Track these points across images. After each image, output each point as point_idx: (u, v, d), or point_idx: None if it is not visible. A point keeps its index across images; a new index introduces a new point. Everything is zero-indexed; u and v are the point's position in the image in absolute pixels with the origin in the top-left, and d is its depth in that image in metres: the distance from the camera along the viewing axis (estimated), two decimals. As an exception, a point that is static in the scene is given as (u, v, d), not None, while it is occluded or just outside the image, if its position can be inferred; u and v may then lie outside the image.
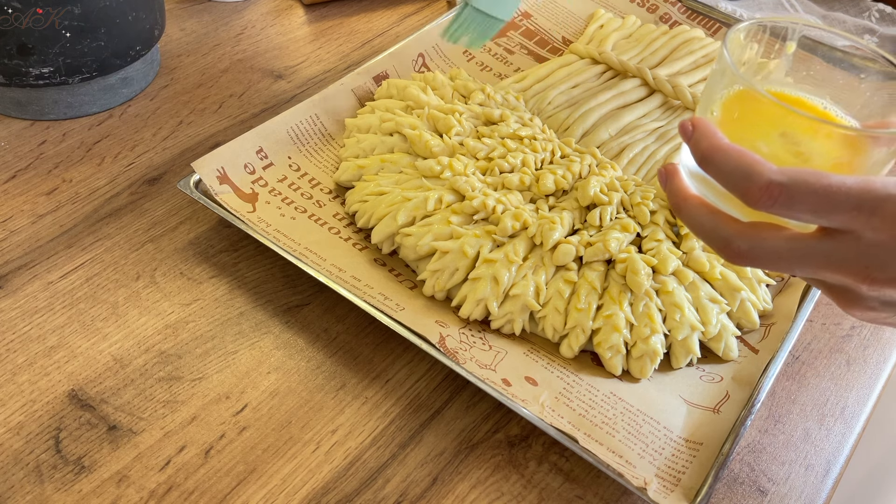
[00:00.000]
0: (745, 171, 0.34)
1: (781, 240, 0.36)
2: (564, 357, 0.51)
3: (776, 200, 0.34)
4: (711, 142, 0.36)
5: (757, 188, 0.34)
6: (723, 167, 0.35)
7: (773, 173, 0.34)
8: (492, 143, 0.58)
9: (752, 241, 0.36)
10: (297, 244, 0.54)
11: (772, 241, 0.36)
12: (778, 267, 0.36)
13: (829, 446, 0.50)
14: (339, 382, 0.49)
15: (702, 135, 0.36)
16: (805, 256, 0.35)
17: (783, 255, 0.36)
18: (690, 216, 0.39)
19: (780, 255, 0.36)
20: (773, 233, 0.36)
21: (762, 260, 0.36)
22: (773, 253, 0.36)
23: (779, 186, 0.33)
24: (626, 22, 0.78)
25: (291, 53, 0.75)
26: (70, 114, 0.65)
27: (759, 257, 0.36)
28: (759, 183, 0.34)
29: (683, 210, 0.39)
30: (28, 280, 0.53)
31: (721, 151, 0.35)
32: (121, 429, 0.46)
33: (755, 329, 0.53)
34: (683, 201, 0.39)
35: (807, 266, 0.36)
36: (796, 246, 0.35)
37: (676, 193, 0.40)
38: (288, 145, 0.61)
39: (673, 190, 0.40)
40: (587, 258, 0.53)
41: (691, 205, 0.39)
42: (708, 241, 0.38)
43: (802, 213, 0.34)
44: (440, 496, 0.45)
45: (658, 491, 0.43)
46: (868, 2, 0.89)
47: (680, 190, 0.40)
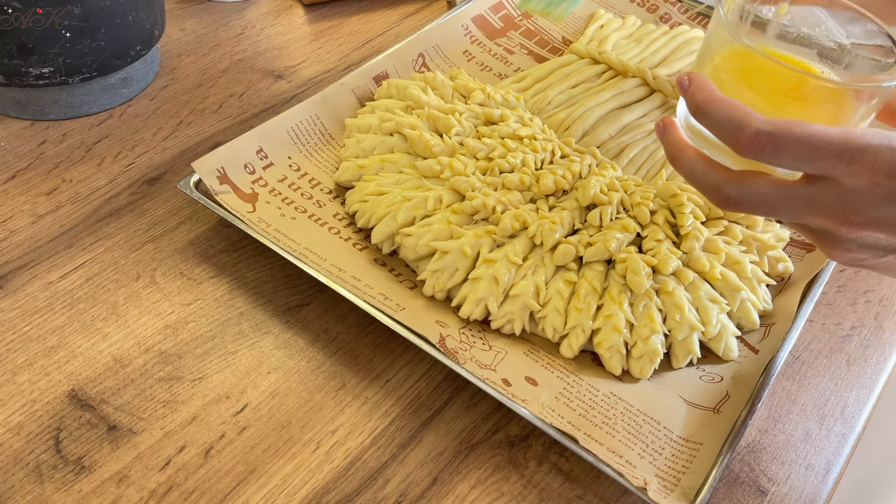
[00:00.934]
0: (735, 121, 0.37)
1: (768, 185, 0.38)
2: (564, 357, 0.51)
3: (764, 148, 0.36)
4: (705, 94, 0.39)
5: (746, 137, 0.37)
6: (715, 117, 0.38)
7: (762, 123, 0.36)
8: (492, 143, 0.58)
9: (741, 187, 0.39)
10: (297, 244, 0.54)
11: (759, 187, 0.38)
12: (764, 211, 0.39)
13: (829, 446, 0.50)
14: (339, 382, 0.50)
15: (697, 87, 0.39)
16: (789, 201, 0.38)
17: (769, 199, 0.38)
18: (685, 164, 0.41)
19: (767, 200, 0.38)
20: (761, 179, 0.39)
21: (750, 205, 0.39)
22: (761, 198, 0.39)
23: (766, 135, 0.36)
24: (626, 22, 0.78)
25: (291, 53, 0.75)
26: (70, 114, 0.65)
27: (747, 202, 0.39)
28: (749, 132, 0.36)
29: (679, 159, 0.42)
30: (28, 280, 0.53)
31: (714, 103, 0.38)
32: (121, 429, 0.46)
33: (755, 329, 0.53)
34: (679, 151, 0.42)
35: (791, 210, 0.38)
36: (781, 191, 0.38)
37: (672, 144, 0.42)
38: (288, 145, 0.61)
39: (669, 141, 0.42)
40: (587, 258, 0.53)
41: (686, 154, 0.41)
42: (700, 187, 0.41)
43: (788, 160, 0.36)
44: (440, 496, 0.45)
45: (658, 491, 0.43)
46: (868, 2, 0.89)
47: (676, 140, 0.42)
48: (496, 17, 0.78)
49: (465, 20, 0.75)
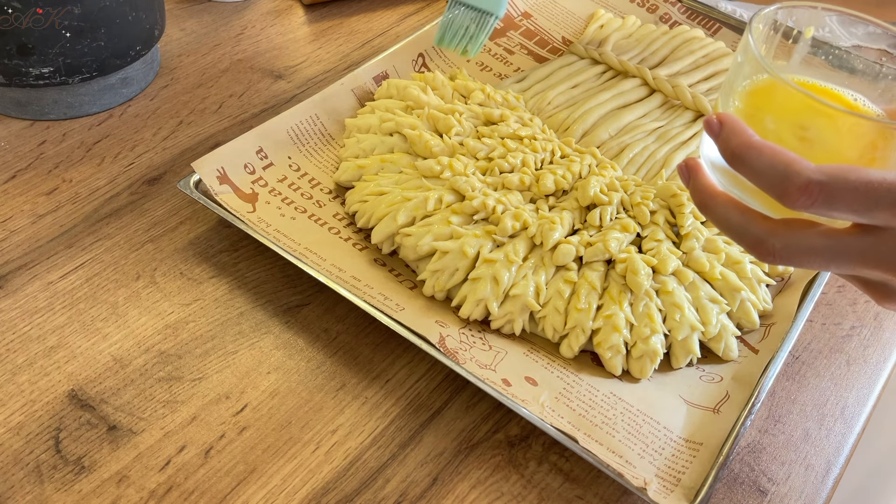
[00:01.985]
0: (781, 171, 0.33)
1: (817, 237, 0.34)
2: (564, 357, 0.51)
3: (815, 200, 0.32)
4: (742, 139, 0.34)
5: (795, 188, 0.33)
6: (756, 166, 0.34)
7: (812, 172, 0.32)
8: (492, 143, 0.58)
9: (787, 240, 0.35)
10: (297, 244, 0.54)
11: (807, 239, 0.34)
12: (813, 265, 0.35)
13: (829, 446, 0.50)
14: (339, 382, 0.49)
15: (731, 131, 0.35)
16: (842, 254, 0.34)
17: (820, 252, 0.34)
18: (719, 214, 0.37)
19: (817, 253, 0.35)
20: (808, 230, 0.35)
21: (797, 258, 0.35)
22: (809, 251, 0.35)
23: (818, 186, 0.32)
24: (626, 22, 0.78)
25: (291, 53, 0.75)
26: (70, 114, 0.65)
27: (793, 256, 0.35)
28: (798, 183, 0.32)
29: (711, 208, 0.38)
30: (28, 280, 0.53)
31: (754, 149, 0.34)
32: (121, 429, 0.46)
33: (755, 329, 0.53)
34: (710, 199, 0.38)
35: (844, 263, 0.35)
36: (834, 243, 0.34)
37: (702, 190, 0.38)
38: (288, 145, 0.61)
39: (698, 187, 0.38)
40: (587, 258, 0.53)
41: (719, 203, 0.37)
42: (739, 239, 0.37)
43: (842, 211, 0.33)
44: (440, 496, 0.45)
45: (658, 491, 0.43)
46: (868, 2, 0.89)
47: (706, 187, 0.38)
48: (496, 17, 0.78)
49: (465, 20, 0.75)
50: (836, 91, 0.41)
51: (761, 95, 0.38)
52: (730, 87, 0.39)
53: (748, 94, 0.38)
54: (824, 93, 0.41)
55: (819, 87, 0.41)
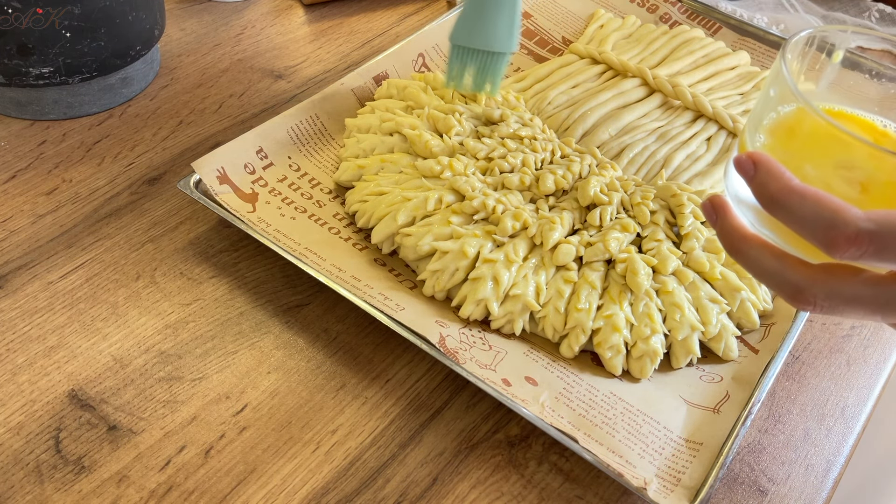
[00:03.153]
0: (827, 219, 0.31)
1: (862, 285, 0.32)
2: (564, 357, 0.51)
3: (865, 251, 0.30)
4: (782, 183, 0.32)
5: (844, 238, 0.30)
6: (798, 213, 0.31)
7: (862, 221, 0.30)
8: (492, 143, 0.58)
9: (830, 289, 0.33)
10: (297, 244, 0.54)
11: (851, 288, 0.32)
12: (857, 314, 0.33)
13: (829, 446, 0.50)
14: (339, 382, 0.50)
15: (769, 175, 0.32)
16: (890, 303, 0.32)
17: (865, 302, 0.32)
18: (752, 259, 0.35)
19: (862, 302, 0.32)
20: (851, 278, 0.32)
21: (840, 308, 0.33)
22: (854, 300, 0.33)
23: (868, 235, 0.30)
24: (626, 22, 0.78)
25: (291, 53, 0.75)
26: (70, 114, 0.65)
27: (836, 305, 0.33)
28: (846, 232, 0.30)
29: (743, 252, 0.35)
30: (28, 280, 0.53)
31: (795, 195, 0.31)
32: (121, 429, 0.46)
33: (755, 329, 0.53)
34: (742, 243, 0.35)
35: (890, 313, 0.33)
36: (879, 292, 0.32)
37: (731, 233, 0.35)
38: (288, 145, 0.61)
39: (726, 229, 0.35)
40: (587, 258, 0.53)
41: (752, 247, 0.35)
42: (774, 286, 0.34)
43: (893, 262, 0.31)
44: (440, 496, 0.45)
45: (658, 491, 0.43)
46: (868, 2, 0.89)
47: (736, 230, 0.35)
48: (496, 17, 0.78)
49: (465, 20, 0.75)
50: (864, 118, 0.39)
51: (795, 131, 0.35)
52: (758, 121, 0.37)
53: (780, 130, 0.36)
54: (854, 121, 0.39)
55: (847, 114, 0.39)
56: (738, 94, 0.70)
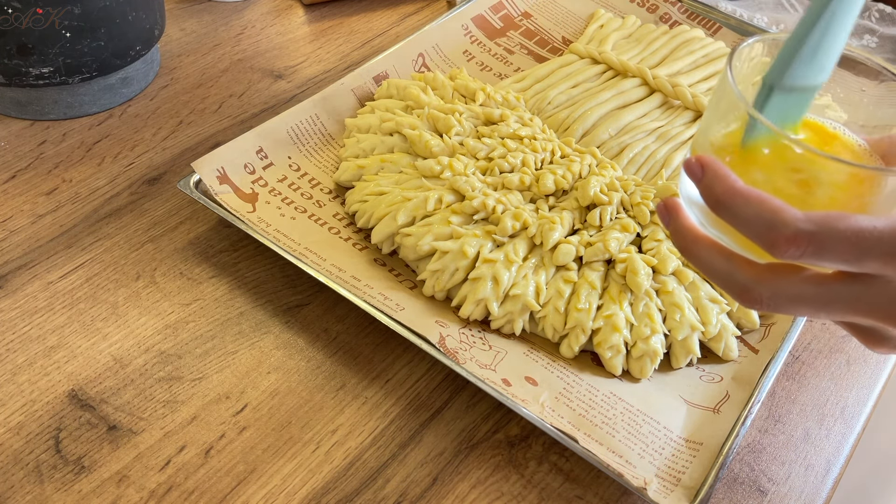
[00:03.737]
0: (768, 220, 0.32)
1: (805, 284, 0.33)
2: (564, 357, 0.51)
3: (804, 251, 0.31)
4: (726, 185, 0.33)
5: (783, 239, 0.31)
6: (742, 214, 0.33)
7: (800, 221, 0.31)
8: (492, 143, 0.58)
9: (774, 288, 0.34)
10: (297, 244, 0.54)
11: (795, 287, 0.33)
12: (801, 312, 0.34)
13: (829, 446, 0.50)
14: (339, 382, 0.50)
15: (715, 177, 0.33)
16: (832, 301, 0.33)
17: (808, 300, 0.33)
18: (702, 260, 0.36)
19: (805, 301, 0.34)
20: (795, 277, 0.34)
21: (785, 306, 0.34)
22: (798, 299, 0.34)
23: (807, 235, 0.31)
24: (626, 22, 0.78)
25: (291, 53, 0.75)
26: (70, 114, 0.65)
27: (781, 304, 0.34)
28: (785, 233, 0.31)
29: (693, 253, 0.36)
30: (28, 280, 0.53)
31: (739, 196, 0.33)
32: (121, 429, 0.46)
33: (755, 329, 0.53)
34: (693, 244, 0.36)
35: (834, 311, 0.34)
36: (821, 291, 0.33)
37: (683, 234, 0.36)
38: (288, 145, 0.61)
39: (678, 230, 0.37)
40: (587, 258, 0.53)
41: (702, 247, 0.36)
42: (723, 286, 0.35)
43: (832, 261, 0.32)
44: (440, 496, 0.45)
45: (658, 491, 0.43)
46: (868, 2, 0.89)
47: (687, 230, 0.36)
48: (496, 17, 0.78)
49: (465, 20, 0.75)
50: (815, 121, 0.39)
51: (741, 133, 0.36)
52: (707, 126, 0.37)
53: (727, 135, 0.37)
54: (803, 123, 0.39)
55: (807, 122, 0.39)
56: (738, 94, 0.70)
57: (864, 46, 0.85)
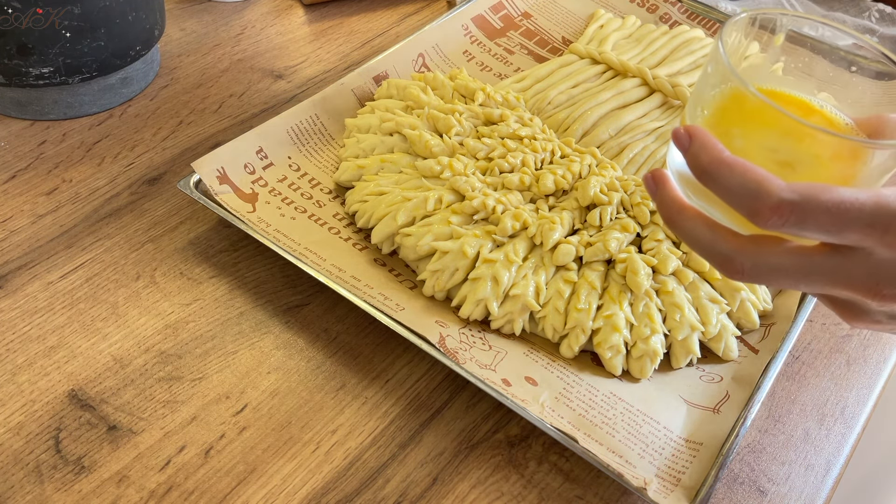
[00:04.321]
0: (752, 189, 0.32)
1: (787, 256, 0.34)
2: (564, 357, 0.51)
3: (787, 220, 0.32)
4: (713, 154, 0.33)
5: (767, 208, 0.32)
6: (726, 183, 0.33)
7: (784, 191, 0.32)
8: (492, 143, 0.58)
9: (755, 258, 0.34)
10: (297, 244, 0.54)
11: (776, 258, 0.34)
12: (781, 283, 0.35)
13: (829, 446, 0.50)
14: (339, 382, 0.50)
15: (701, 146, 0.34)
16: (811, 273, 0.34)
17: (788, 271, 0.34)
18: (686, 230, 0.36)
19: (785, 272, 0.34)
20: (777, 248, 0.34)
21: (766, 277, 0.34)
22: (778, 270, 0.34)
23: (789, 205, 0.31)
24: (626, 22, 0.78)
25: (291, 53, 0.75)
26: (70, 114, 0.65)
27: (762, 274, 0.34)
28: (769, 202, 0.32)
29: (678, 223, 0.36)
30: (28, 280, 0.53)
31: (724, 166, 0.33)
32: (121, 429, 0.46)
33: (755, 329, 0.53)
34: (678, 214, 0.36)
35: (813, 283, 0.34)
36: (803, 262, 0.34)
37: (669, 205, 0.37)
38: (288, 145, 0.61)
39: (664, 200, 0.37)
40: (587, 258, 0.53)
41: (687, 217, 0.36)
42: (706, 256, 0.36)
43: (813, 231, 0.32)
44: (440, 496, 0.45)
45: (658, 491, 0.43)
46: (868, 2, 0.89)
47: (673, 201, 0.37)
48: (496, 17, 0.78)
49: (465, 20, 0.75)
50: (800, 97, 0.40)
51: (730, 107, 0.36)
52: (698, 96, 0.38)
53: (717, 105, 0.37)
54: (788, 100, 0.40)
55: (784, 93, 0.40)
56: (738, 94, 0.70)
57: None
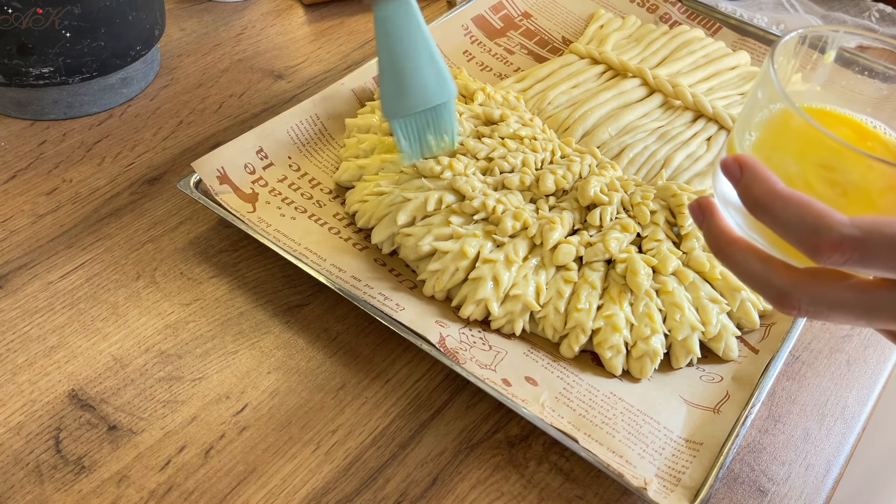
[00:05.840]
0: (811, 225, 0.30)
1: (848, 291, 0.32)
2: (564, 357, 0.51)
3: (849, 258, 0.30)
4: (767, 187, 0.32)
5: (827, 245, 0.30)
6: (783, 218, 0.31)
7: (846, 227, 0.30)
8: (492, 144, 0.58)
9: (814, 294, 0.32)
10: (297, 244, 0.54)
11: (836, 293, 0.32)
12: (842, 319, 0.33)
13: (829, 446, 0.50)
14: (339, 382, 0.50)
15: (754, 178, 0.32)
16: (874, 309, 0.32)
17: (851, 307, 0.32)
18: (738, 263, 0.35)
19: (847, 308, 0.32)
20: (837, 283, 0.32)
21: (825, 313, 0.33)
22: (839, 306, 0.32)
23: (852, 242, 0.30)
24: (626, 22, 0.78)
25: (291, 53, 0.75)
26: (70, 114, 0.65)
27: (821, 311, 0.33)
28: (830, 239, 0.30)
29: (729, 256, 0.35)
30: (28, 280, 0.53)
31: (780, 199, 0.31)
32: (121, 429, 0.46)
33: (755, 329, 0.53)
34: (728, 245, 0.35)
35: (876, 318, 0.32)
36: (864, 298, 0.32)
37: (718, 236, 0.35)
38: (288, 145, 0.61)
39: (713, 232, 0.35)
40: (587, 258, 0.53)
41: (738, 250, 0.34)
42: (760, 291, 0.34)
43: (877, 268, 0.31)
44: (440, 496, 0.45)
45: (658, 491, 0.43)
46: (868, 2, 0.89)
47: (722, 232, 0.35)
48: (496, 17, 0.78)
49: (465, 20, 0.75)
50: (854, 118, 0.39)
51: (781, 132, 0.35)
52: (746, 121, 0.36)
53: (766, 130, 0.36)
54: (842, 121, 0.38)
55: (835, 113, 0.39)
56: (738, 94, 0.70)
57: (865, 46, 0.84)
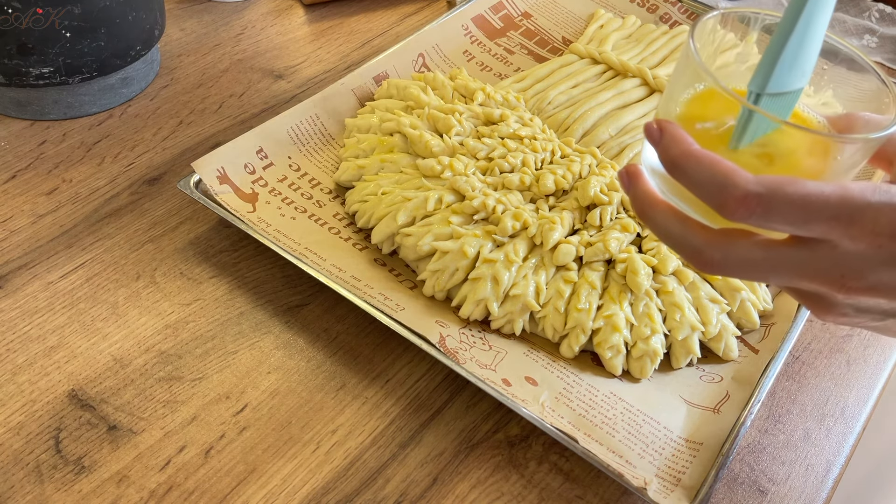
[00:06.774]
0: (720, 182, 0.33)
1: (755, 248, 0.34)
2: (564, 357, 0.51)
3: (753, 212, 0.32)
4: (682, 148, 0.34)
5: (733, 200, 0.32)
6: (695, 176, 0.34)
7: (750, 184, 0.32)
8: (492, 143, 0.58)
9: (725, 251, 0.35)
10: (297, 244, 0.54)
11: (744, 250, 0.35)
12: (750, 276, 0.36)
13: (829, 446, 0.50)
14: (339, 382, 0.50)
15: (671, 140, 0.35)
16: (779, 265, 0.34)
17: (757, 264, 0.35)
18: (658, 224, 0.37)
19: (754, 265, 0.35)
20: (745, 241, 0.35)
21: (734, 269, 0.35)
22: (747, 262, 0.35)
23: (756, 198, 0.32)
24: (626, 22, 0.78)
25: (291, 53, 0.75)
26: (70, 114, 0.65)
27: (731, 266, 0.35)
28: (736, 195, 0.32)
29: (650, 217, 0.37)
30: (28, 280, 0.53)
31: (693, 159, 0.34)
32: (121, 429, 0.46)
33: (755, 329, 0.53)
34: (650, 208, 0.37)
35: (780, 275, 0.35)
36: (771, 255, 0.34)
37: (642, 199, 0.37)
38: (288, 145, 0.61)
39: (637, 195, 0.38)
40: (587, 258, 0.53)
41: (658, 211, 0.37)
42: (677, 249, 0.37)
43: (780, 224, 0.33)
44: (440, 496, 0.45)
45: (658, 491, 0.43)
46: (868, 2, 0.89)
47: (645, 195, 0.38)
48: (496, 17, 0.78)
49: (465, 20, 0.75)
50: None
51: (702, 103, 0.37)
52: (671, 93, 0.38)
53: (689, 101, 0.38)
54: None
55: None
56: (738, 94, 0.70)
57: (864, 46, 0.85)
